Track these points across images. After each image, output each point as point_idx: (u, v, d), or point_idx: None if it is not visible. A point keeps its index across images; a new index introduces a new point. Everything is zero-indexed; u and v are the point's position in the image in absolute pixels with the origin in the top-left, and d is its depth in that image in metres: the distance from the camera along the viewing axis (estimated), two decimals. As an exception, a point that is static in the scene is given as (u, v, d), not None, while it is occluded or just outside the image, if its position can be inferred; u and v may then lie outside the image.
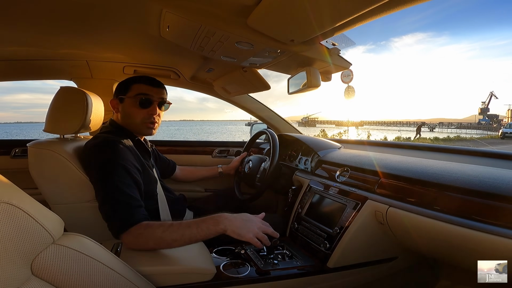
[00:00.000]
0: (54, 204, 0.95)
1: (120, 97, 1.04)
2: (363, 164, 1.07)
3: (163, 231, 0.79)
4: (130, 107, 1.03)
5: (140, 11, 0.86)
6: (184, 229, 0.79)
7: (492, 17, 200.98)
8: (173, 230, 0.79)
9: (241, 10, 0.75)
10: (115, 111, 1.07)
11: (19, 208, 0.46)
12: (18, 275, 0.45)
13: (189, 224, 0.81)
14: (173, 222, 0.82)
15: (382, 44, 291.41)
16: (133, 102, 1.02)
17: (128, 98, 1.03)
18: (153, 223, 0.82)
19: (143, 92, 1.03)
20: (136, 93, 1.02)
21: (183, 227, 0.80)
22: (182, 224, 0.81)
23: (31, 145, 0.95)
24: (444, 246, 0.80)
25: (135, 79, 1.06)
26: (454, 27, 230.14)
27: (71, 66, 1.42)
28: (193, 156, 1.77)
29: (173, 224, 0.81)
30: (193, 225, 0.80)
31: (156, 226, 0.81)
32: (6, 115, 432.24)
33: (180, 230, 0.79)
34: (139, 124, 1.04)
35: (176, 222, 0.82)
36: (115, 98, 1.06)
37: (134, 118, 1.03)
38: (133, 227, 0.80)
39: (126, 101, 1.04)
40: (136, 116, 1.03)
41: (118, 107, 1.06)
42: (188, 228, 0.80)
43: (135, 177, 0.91)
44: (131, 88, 1.03)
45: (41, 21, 0.93)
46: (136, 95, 1.02)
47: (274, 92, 4.64)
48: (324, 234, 1.00)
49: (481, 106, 60.97)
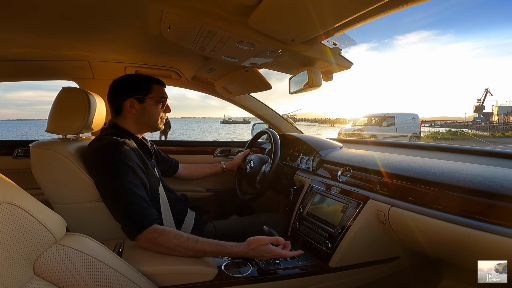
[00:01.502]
0: (56, 204, 0.95)
1: (140, 97, 1.05)
2: (365, 164, 1.07)
3: (177, 245, 0.83)
4: (152, 107, 1.07)
5: (141, 12, 0.86)
6: (200, 247, 0.84)
7: (497, 15, 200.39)
8: (188, 247, 0.83)
9: (242, 10, 0.75)
10: (130, 110, 1.04)
11: (22, 208, 0.46)
12: (20, 275, 0.45)
13: (218, 243, 0.86)
14: (189, 236, 0.85)
15: (386, 42, 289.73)
16: (156, 103, 1.08)
17: (151, 99, 1.07)
18: (170, 232, 0.85)
19: (163, 93, 1.10)
20: (159, 95, 1.08)
21: (208, 243, 0.85)
22: (199, 242, 0.84)
23: (33, 146, 0.95)
24: (447, 246, 0.80)
25: (151, 79, 1.09)
26: (459, 25, 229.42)
27: (73, 67, 1.43)
28: (195, 156, 1.77)
29: (189, 239, 0.84)
30: (221, 244, 0.86)
31: (172, 236, 0.84)
32: (10, 112, 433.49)
33: (204, 245, 0.84)
34: (157, 121, 1.11)
35: (193, 237, 0.85)
36: (132, 98, 1.04)
37: (155, 116, 1.09)
38: (147, 229, 0.83)
39: (147, 101, 1.06)
40: (156, 115, 1.10)
41: (135, 106, 1.05)
42: (216, 246, 0.85)
43: (141, 178, 0.92)
44: (152, 88, 1.07)
45: (43, 22, 0.93)
46: (159, 97, 1.08)
47: (276, 90, 4.66)
48: (325, 234, 1.00)
49: (476, 104, 57.23)
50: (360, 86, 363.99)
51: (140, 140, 1.07)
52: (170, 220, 1.03)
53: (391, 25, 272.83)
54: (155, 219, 0.86)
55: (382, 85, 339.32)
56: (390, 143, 1.48)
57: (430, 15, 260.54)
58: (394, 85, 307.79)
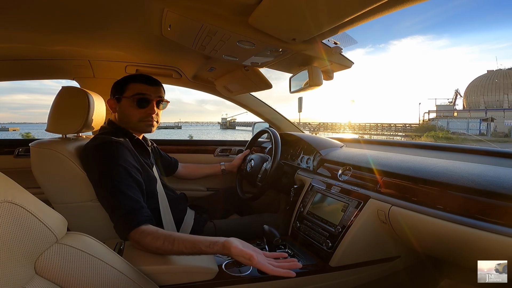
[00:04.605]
0: (57, 203, 0.95)
1: (117, 96, 1.04)
2: (365, 163, 1.06)
3: (162, 243, 0.77)
4: (128, 107, 1.02)
5: (142, 11, 0.86)
6: (185, 248, 0.76)
7: (492, 20, 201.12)
8: (173, 245, 0.77)
9: (242, 9, 0.75)
10: (113, 111, 1.07)
11: (23, 208, 0.46)
12: (21, 274, 0.45)
13: (194, 243, 0.76)
14: (175, 237, 0.78)
15: (381, 46, 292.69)
16: (131, 102, 1.02)
17: (125, 98, 1.02)
18: (156, 232, 0.79)
19: (140, 91, 1.02)
20: (134, 92, 1.01)
21: (185, 245, 0.76)
22: (185, 241, 0.77)
23: (33, 145, 0.95)
24: (447, 245, 0.80)
25: (131, 78, 1.05)
26: (454, 30, 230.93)
27: (74, 66, 1.43)
28: (195, 155, 1.77)
29: (175, 240, 0.77)
30: (197, 245, 0.76)
31: (157, 236, 0.78)
32: (4, 115, 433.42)
33: (180, 247, 0.76)
34: (137, 122, 1.04)
35: (179, 236, 0.78)
36: (112, 98, 1.06)
37: (131, 117, 1.03)
38: (134, 230, 0.80)
39: (123, 100, 1.03)
40: (133, 116, 1.03)
41: (115, 107, 1.05)
42: (192, 248, 0.76)
43: (135, 177, 0.91)
44: (128, 87, 1.02)
45: (43, 21, 0.93)
46: (133, 95, 1.01)
47: (273, 94, 4.51)
48: (326, 233, 1.00)
49: (448, 105, 53.63)
50: (354, 89, 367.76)
51: (137, 139, 1.06)
52: (170, 219, 1.03)
53: (386, 30, 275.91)
54: (143, 220, 0.82)
55: (375, 89, 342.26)
56: (390, 143, 1.48)
57: (425, 19, 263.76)
58: (388, 90, 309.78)
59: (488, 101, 38.89)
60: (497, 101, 37.63)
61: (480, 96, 40.24)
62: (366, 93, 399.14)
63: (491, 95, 39.01)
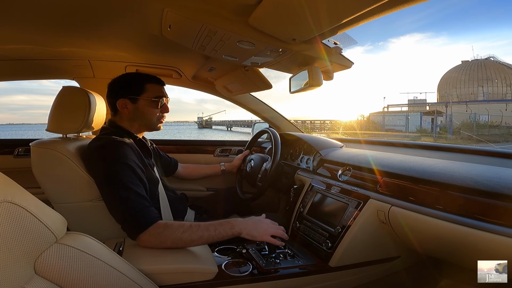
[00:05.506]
0: (56, 203, 0.95)
1: (133, 97, 1.03)
2: (365, 163, 1.06)
3: (183, 232, 0.83)
4: (146, 107, 1.05)
5: (142, 11, 0.86)
6: (203, 231, 0.84)
7: (490, 18, 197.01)
8: (192, 232, 0.83)
9: (242, 9, 0.75)
10: (123, 110, 1.04)
11: (22, 207, 0.46)
12: (21, 274, 0.45)
13: (207, 227, 0.85)
14: (191, 223, 0.86)
15: (380, 45, 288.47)
16: (150, 103, 1.05)
17: (144, 99, 1.04)
18: (173, 223, 0.85)
19: (159, 93, 1.07)
20: (155, 94, 1.05)
21: (202, 229, 0.84)
22: (201, 226, 0.85)
23: (33, 145, 0.95)
24: (447, 245, 0.80)
25: (146, 78, 1.06)
26: (452, 27, 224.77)
27: (74, 66, 1.43)
28: (195, 155, 1.77)
29: (192, 226, 0.85)
30: (211, 227, 0.85)
31: (176, 226, 0.84)
32: (3, 116, 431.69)
33: (199, 231, 0.84)
34: (154, 122, 1.08)
35: (194, 223, 0.86)
36: (125, 98, 1.03)
37: (151, 117, 1.07)
38: (151, 226, 0.83)
39: (141, 101, 1.04)
40: (152, 115, 1.07)
41: (128, 107, 1.04)
42: (207, 230, 0.84)
43: (141, 177, 0.92)
44: (146, 88, 1.04)
45: (43, 21, 0.93)
46: (155, 97, 1.05)
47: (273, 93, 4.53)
48: (326, 233, 1.00)
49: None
50: (352, 88, 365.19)
51: (139, 139, 1.07)
52: (170, 219, 1.04)
53: (385, 28, 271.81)
54: (157, 217, 0.86)
55: (374, 85, 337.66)
56: (390, 143, 1.48)
57: (423, 17, 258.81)
58: (387, 87, 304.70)
59: (461, 94, 35.55)
60: (471, 94, 34.43)
61: (452, 89, 36.49)
62: (366, 92, 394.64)
63: (463, 87, 35.21)
